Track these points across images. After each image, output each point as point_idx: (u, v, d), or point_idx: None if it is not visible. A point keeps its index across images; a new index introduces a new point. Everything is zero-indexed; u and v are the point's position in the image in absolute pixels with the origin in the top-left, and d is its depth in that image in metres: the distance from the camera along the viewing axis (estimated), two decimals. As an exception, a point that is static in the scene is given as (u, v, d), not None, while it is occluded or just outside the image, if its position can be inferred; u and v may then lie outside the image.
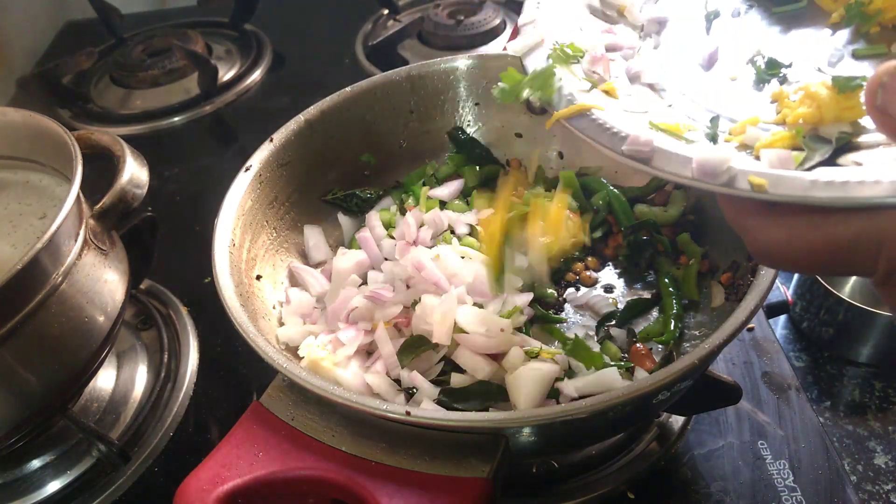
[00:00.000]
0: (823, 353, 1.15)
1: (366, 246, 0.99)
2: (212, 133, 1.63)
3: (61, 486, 0.92)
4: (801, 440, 0.89)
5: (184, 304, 1.16)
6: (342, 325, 0.87)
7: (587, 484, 0.87)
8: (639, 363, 0.84)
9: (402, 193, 1.09)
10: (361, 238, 1.00)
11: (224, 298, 0.77)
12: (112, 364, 1.05)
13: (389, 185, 1.11)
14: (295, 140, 0.99)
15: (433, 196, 1.06)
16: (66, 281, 0.81)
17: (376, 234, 1.01)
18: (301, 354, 0.83)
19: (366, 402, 0.64)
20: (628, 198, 1.02)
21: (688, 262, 0.94)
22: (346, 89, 1.04)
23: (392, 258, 0.96)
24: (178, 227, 1.33)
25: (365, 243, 0.99)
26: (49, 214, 0.93)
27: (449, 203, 1.06)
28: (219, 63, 1.71)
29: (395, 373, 0.82)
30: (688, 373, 0.64)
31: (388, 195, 1.10)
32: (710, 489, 0.85)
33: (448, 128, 1.11)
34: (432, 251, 0.89)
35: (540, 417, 0.62)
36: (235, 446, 0.65)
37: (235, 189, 0.90)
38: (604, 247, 1.02)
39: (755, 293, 0.69)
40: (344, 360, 0.83)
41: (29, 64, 1.91)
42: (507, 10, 1.79)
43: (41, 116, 0.91)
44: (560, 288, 0.97)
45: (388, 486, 0.62)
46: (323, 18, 1.98)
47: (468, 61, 1.06)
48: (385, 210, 1.07)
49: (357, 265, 0.96)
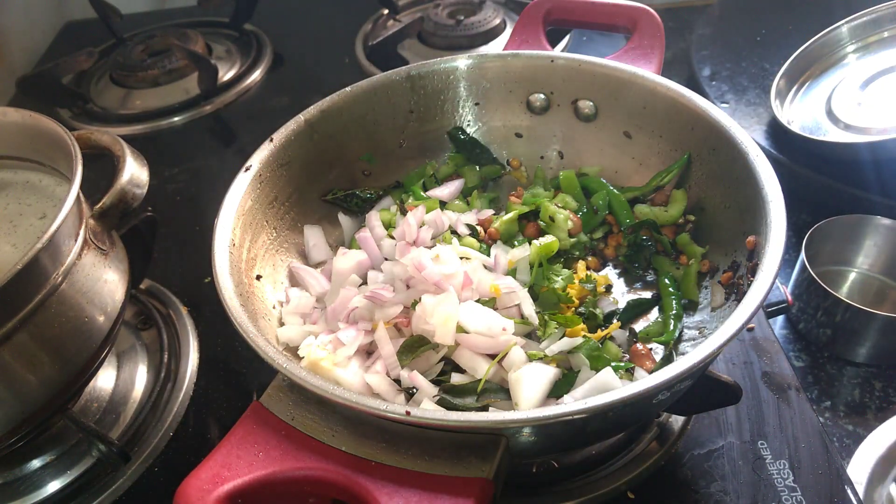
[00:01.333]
0: (823, 354, 1.15)
1: (366, 246, 0.99)
2: (212, 133, 1.63)
3: (61, 486, 0.92)
4: (801, 440, 0.89)
5: (184, 304, 1.16)
6: (342, 324, 0.87)
7: (587, 484, 0.87)
8: (639, 363, 0.85)
9: (402, 193, 1.09)
10: (361, 238, 1.00)
11: (224, 298, 0.77)
12: (112, 364, 1.05)
13: (389, 185, 1.11)
14: (295, 140, 0.99)
15: (433, 196, 1.06)
16: (66, 281, 0.81)
17: (376, 234, 1.01)
18: (301, 354, 0.83)
19: (366, 402, 0.64)
20: (628, 198, 1.02)
21: (688, 262, 0.94)
22: (346, 89, 1.04)
23: (392, 258, 0.96)
24: (178, 227, 1.33)
25: (365, 243, 0.99)
26: (49, 214, 0.93)
27: (449, 203, 1.06)
28: (219, 63, 1.71)
29: (395, 373, 0.82)
30: (688, 373, 0.64)
31: (388, 195, 1.10)
32: (710, 489, 0.85)
33: (448, 128, 1.12)
34: (432, 251, 0.89)
35: (540, 417, 0.62)
36: (235, 446, 0.65)
37: (235, 189, 0.90)
38: (604, 247, 1.02)
39: (755, 293, 0.69)
40: (344, 360, 0.83)
41: (29, 64, 1.91)
42: (507, 10, 1.79)
43: (41, 116, 0.91)
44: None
45: (388, 486, 0.62)
46: (323, 18, 1.98)
47: (468, 61, 1.07)
48: (385, 210, 1.07)
49: (357, 265, 0.96)
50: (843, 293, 1.21)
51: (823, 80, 1.42)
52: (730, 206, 0.90)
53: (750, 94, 1.52)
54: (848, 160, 1.25)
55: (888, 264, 1.21)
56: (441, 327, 0.80)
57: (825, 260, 1.22)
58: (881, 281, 1.23)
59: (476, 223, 1.02)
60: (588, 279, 0.94)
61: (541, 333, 0.86)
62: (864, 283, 1.24)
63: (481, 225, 1.03)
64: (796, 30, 1.59)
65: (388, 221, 1.04)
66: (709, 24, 1.75)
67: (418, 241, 0.97)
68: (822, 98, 1.38)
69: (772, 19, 1.71)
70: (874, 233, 1.19)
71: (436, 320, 0.81)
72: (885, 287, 1.22)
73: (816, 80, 1.44)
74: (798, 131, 1.32)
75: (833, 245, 1.21)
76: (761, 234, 0.78)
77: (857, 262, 1.24)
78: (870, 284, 1.23)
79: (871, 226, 1.19)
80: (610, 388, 0.78)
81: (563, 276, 0.92)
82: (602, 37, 1.69)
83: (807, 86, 1.45)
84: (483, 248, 0.98)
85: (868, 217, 1.18)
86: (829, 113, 1.34)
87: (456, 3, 1.78)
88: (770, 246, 0.74)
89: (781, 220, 0.75)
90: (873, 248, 1.21)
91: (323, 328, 0.89)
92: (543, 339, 0.86)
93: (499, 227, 1.00)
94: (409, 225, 0.97)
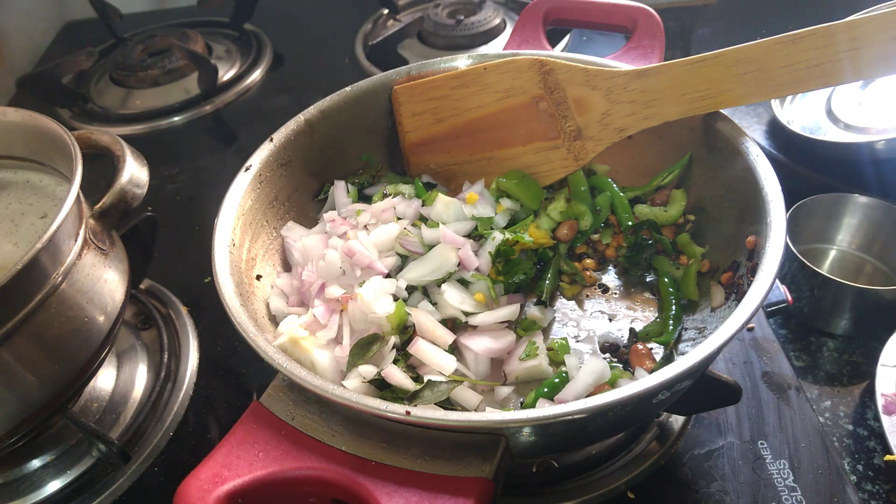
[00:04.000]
0: (824, 353, 1.15)
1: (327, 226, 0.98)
2: (212, 133, 1.63)
3: (61, 486, 0.92)
4: (801, 440, 0.89)
5: (184, 304, 1.16)
6: (317, 301, 0.87)
7: (587, 484, 0.87)
8: (639, 363, 0.84)
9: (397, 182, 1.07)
10: (326, 216, 0.99)
11: (224, 298, 0.77)
12: (112, 364, 1.05)
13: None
14: (295, 140, 0.99)
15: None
16: (66, 281, 0.81)
17: (340, 203, 1.01)
18: (281, 332, 0.82)
19: (366, 402, 0.64)
20: (629, 198, 1.02)
21: (688, 262, 0.94)
22: (346, 89, 1.04)
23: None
24: (178, 227, 1.33)
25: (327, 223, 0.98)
26: (50, 214, 0.93)
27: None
28: (219, 63, 1.72)
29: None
30: (688, 373, 0.64)
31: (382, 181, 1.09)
32: (710, 489, 0.85)
33: (448, 128, 1.11)
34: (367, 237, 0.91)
35: (540, 417, 0.62)
36: (235, 446, 0.65)
37: (235, 189, 0.90)
38: (604, 247, 1.02)
39: (755, 293, 0.69)
40: (326, 343, 0.82)
41: (29, 64, 1.91)
42: (507, 9, 1.79)
43: (41, 116, 0.91)
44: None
45: (388, 486, 0.62)
46: (323, 18, 1.98)
47: (468, 61, 1.06)
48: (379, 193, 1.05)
49: (322, 242, 0.95)
50: (825, 269, 1.26)
51: (823, 80, 1.43)
52: (730, 206, 0.90)
53: (750, 94, 1.52)
54: (848, 160, 1.25)
55: (865, 240, 1.27)
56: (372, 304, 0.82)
57: (808, 238, 1.28)
58: (858, 256, 1.28)
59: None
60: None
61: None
62: (843, 259, 1.29)
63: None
64: (796, 29, 1.59)
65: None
66: (709, 24, 1.75)
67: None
68: (822, 98, 1.38)
69: (772, 19, 1.71)
70: (853, 210, 1.25)
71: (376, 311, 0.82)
72: (862, 262, 1.28)
73: (816, 80, 1.44)
74: (798, 131, 1.32)
75: (814, 223, 1.25)
76: (761, 234, 0.78)
77: (837, 239, 1.29)
78: (849, 260, 1.29)
79: (850, 203, 1.24)
80: (604, 376, 0.79)
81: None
82: (602, 37, 1.69)
83: (807, 85, 1.45)
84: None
85: (847, 195, 1.23)
86: (829, 113, 1.35)
87: (456, 3, 1.78)
88: (770, 246, 0.74)
89: (781, 220, 0.76)
90: (852, 225, 1.27)
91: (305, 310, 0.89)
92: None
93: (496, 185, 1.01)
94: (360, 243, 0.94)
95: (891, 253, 1.24)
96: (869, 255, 1.27)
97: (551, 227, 0.99)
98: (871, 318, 1.14)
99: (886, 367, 1.03)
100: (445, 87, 1.01)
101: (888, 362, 1.04)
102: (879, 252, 1.26)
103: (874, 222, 1.24)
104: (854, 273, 1.27)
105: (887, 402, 0.99)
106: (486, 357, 0.85)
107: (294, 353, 0.80)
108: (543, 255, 0.97)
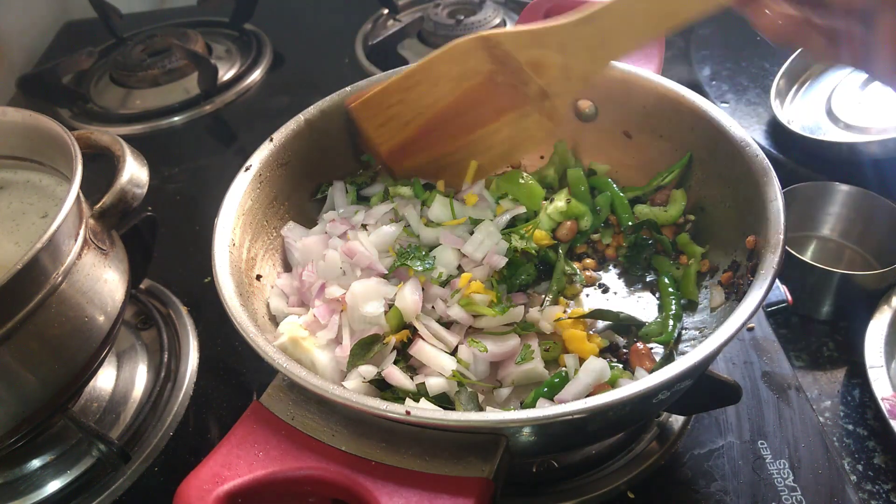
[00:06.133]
0: (824, 353, 1.15)
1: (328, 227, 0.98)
2: (212, 133, 1.63)
3: (61, 486, 0.92)
4: (801, 440, 0.89)
5: (184, 304, 1.16)
6: (317, 301, 0.87)
7: (587, 484, 0.87)
8: (639, 363, 0.84)
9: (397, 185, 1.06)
10: (325, 217, 0.99)
11: (224, 298, 0.77)
12: (112, 364, 1.05)
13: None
14: (295, 140, 0.99)
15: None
16: (66, 281, 0.81)
17: (337, 203, 1.02)
18: (281, 332, 0.82)
19: (366, 402, 0.64)
20: (629, 198, 1.02)
21: (687, 262, 0.94)
22: (346, 89, 1.04)
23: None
24: (178, 227, 1.33)
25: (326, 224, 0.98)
26: (51, 213, 0.93)
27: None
28: (219, 63, 1.71)
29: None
30: (688, 373, 0.64)
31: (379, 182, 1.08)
32: (710, 489, 0.85)
33: (448, 128, 1.11)
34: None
35: (540, 417, 0.62)
36: (235, 446, 0.65)
37: (235, 189, 0.90)
38: (604, 247, 1.02)
39: (755, 293, 0.69)
40: (326, 343, 0.82)
41: (29, 64, 1.91)
42: (507, 9, 1.79)
43: (41, 116, 0.91)
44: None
45: (388, 486, 0.62)
46: (323, 18, 1.98)
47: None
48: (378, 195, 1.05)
49: (322, 242, 0.95)
50: (808, 257, 1.27)
51: (823, 80, 1.42)
52: (730, 206, 0.90)
53: (750, 93, 1.52)
54: (848, 160, 1.25)
55: (845, 227, 1.28)
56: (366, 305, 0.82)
57: (790, 226, 1.28)
58: (838, 243, 1.30)
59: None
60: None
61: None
62: (824, 247, 1.31)
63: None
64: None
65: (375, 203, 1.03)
66: (709, 24, 1.75)
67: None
68: (822, 98, 1.38)
69: (771, 19, 1.70)
70: (832, 198, 1.26)
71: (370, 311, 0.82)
72: (842, 248, 1.30)
73: (816, 80, 1.44)
74: (798, 131, 1.32)
75: (796, 211, 1.26)
76: (761, 234, 0.78)
77: (819, 227, 1.30)
78: (829, 248, 1.31)
79: (830, 192, 1.25)
80: (603, 376, 0.79)
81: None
82: (602, 37, 1.69)
83: (807, 85, 1.45)
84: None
85: (829, 184, 1.24)
86: (829, 112, 1.35)
87: (456, 2, 1.78)
88: (770, 245, 0.74)
89: (781, 220, 0.76)
90: (832, 213, 1.28)
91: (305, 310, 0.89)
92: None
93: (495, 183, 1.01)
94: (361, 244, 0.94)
95: (869, 239, 1.26)
96: (848, 241, 1.29)
97: (551, 228, 0.99)
98: (853, 302, 1.16)
99: (875, 368, 1.03)
100: (398, 92, 0.98)
101: (875, 363, 1.04)
102: (858, 238, 1.28)
103: (853, 210, 1.26)
104: (835, 260, 1.29)
105: (892, 407, 0.98)
106: (486, 358, 0.85)
107: (294, 353, 0.80)
108: (544, 256, 0.97)
